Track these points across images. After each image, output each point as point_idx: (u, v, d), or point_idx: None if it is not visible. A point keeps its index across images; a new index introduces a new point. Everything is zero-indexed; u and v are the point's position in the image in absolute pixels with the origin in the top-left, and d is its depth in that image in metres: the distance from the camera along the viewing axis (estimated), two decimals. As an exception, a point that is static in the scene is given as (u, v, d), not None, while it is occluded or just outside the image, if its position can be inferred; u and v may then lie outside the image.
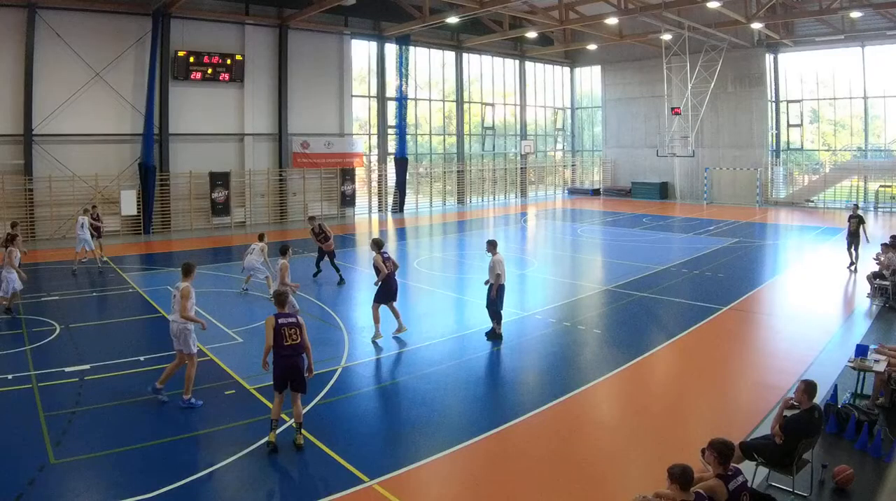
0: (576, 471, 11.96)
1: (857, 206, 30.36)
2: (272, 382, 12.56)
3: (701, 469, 9.25)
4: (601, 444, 13.21)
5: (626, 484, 11.24)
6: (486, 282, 19.91)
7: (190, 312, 14.52)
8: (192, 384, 14.64)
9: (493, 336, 19.82)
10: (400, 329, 19.86)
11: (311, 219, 28.81)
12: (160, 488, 10.95)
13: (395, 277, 19.89)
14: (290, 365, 12.44)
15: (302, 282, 23.95)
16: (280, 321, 12.52)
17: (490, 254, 19.97)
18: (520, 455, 12.55)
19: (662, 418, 14.26)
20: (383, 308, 19.70)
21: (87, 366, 16.76)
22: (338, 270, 27.88)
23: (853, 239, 29.17)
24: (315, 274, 28.26)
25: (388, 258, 19.68)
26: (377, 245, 19.79)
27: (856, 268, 29.01)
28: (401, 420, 14.32)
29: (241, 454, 12.07)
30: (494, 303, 19.79)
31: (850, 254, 29.55)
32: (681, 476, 8.19)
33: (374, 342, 19.21)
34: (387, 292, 19.53)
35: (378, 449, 12.79)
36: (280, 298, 13.12)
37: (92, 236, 30.04)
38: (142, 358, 17.71)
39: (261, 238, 25.63)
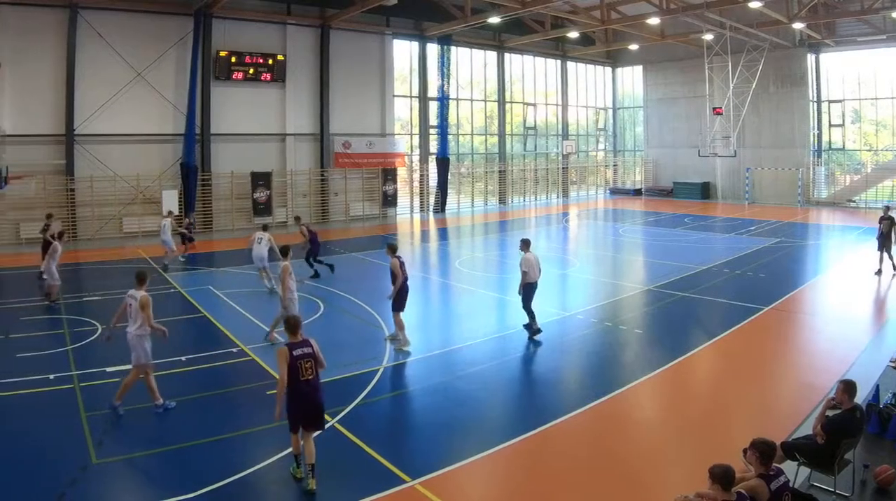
0: (617, 472, 11.93)
1: (888, 208, 29.71)
2: (287, 421, 11.35)
3: (743, 469, 9.19)
4: (642, 444, 13.09)
5: (667, 485, 11.11)
6: None
7: (153, 321, 14.32)
8: (156, 389, 14.35)
9: (531, 332, 19.87)
10: (402, 344, 18.89)
11: (297, 219, 29.34)
12: (202, 488, 10.99)
13: (407, 284, 19.43)
14: (308, 402, 11.22)
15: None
16: (295, 352, 11.16)
17: (522, 253, 20.26)
18: (561, 456, 12.61)
19: (704, 418, 14.23)
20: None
21: (129, 366, 16.29)
22: (312, 266, 28.20)
23: (885, 240, 28.67)
24: (328, 271, 28.54)
25: (403, 263, 19.22)
26: (392, 250, 19.39)
27: (894, 267, 28.55)
28: (442, 421, 14.22)
29: (282, 454, 11.98)
30: (525, 300, 20.05)
31: (882, 258, 29.00)
32: (722, 477, 8.15)
33: (398, 349, 18.69)
34: (403, 298, 19.08)
35: (419, 449, 12.82)
36: (292, 324, 11.69)
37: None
38: (183, 358, 17.77)
39: (265, 228, 25.98)
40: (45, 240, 26.64)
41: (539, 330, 19.88)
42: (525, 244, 20.43)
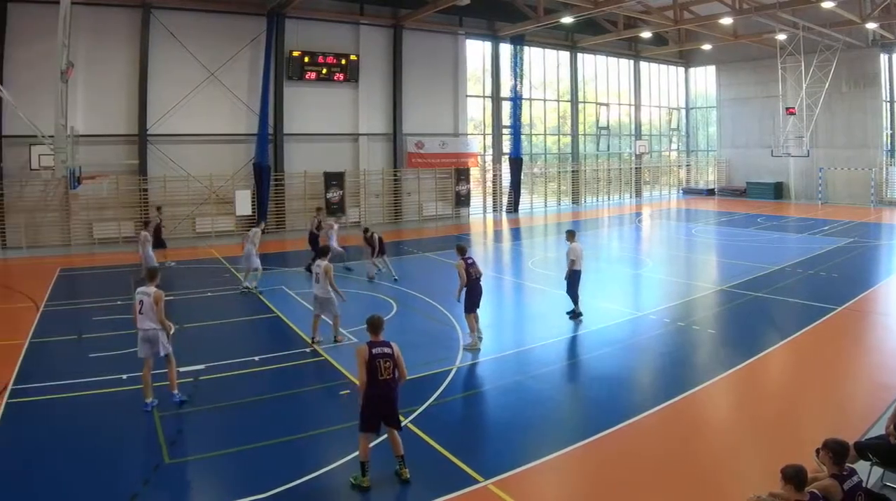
0: (690, 472, 11.73)
1: None
2: (359, 422, 11.16)
3: (815, 469, 9.04)
4: (715, 445, 12.91)
5: (740, 485, 10.80)
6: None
7: (164, 316, 14.42)
8: (151, 386, 14.53)
9: (574, 315, 21.32)
10: (473, 345, 18.63)
11: (366, 230, 28.38)
12: (274, 488, 10.87)
13: (481, 284, 19.23)
14: (384, 402, 11.06)
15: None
16: (374, 351, 10.98)
17: (568, 243, 21.60)
18: (634, 456, 12.31)
19: (776, 418, 13.91)
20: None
21: (202, 366, 16.78)
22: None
23: None
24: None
25: (473, 264, 18.98)
26: (460, 251, 19.20)
27: None
28: (515, 420, 14.00)
29: (354, 454, 11.50)
30: (571, 287, 21.34)
31: None
32: (794, 477, 8.07)
33: (470, 350, 18.41)
34: (473, 299, 18.87)
35: (492, 449, 12.67)
36: (374, 324, 11.48)
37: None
38: (256, 358, 17.73)
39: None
40: (155, 234, 29.57)
41: (579, 315, 21.33)
42: (571, 235, 21.88)
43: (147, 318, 14.28)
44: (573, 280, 21.33)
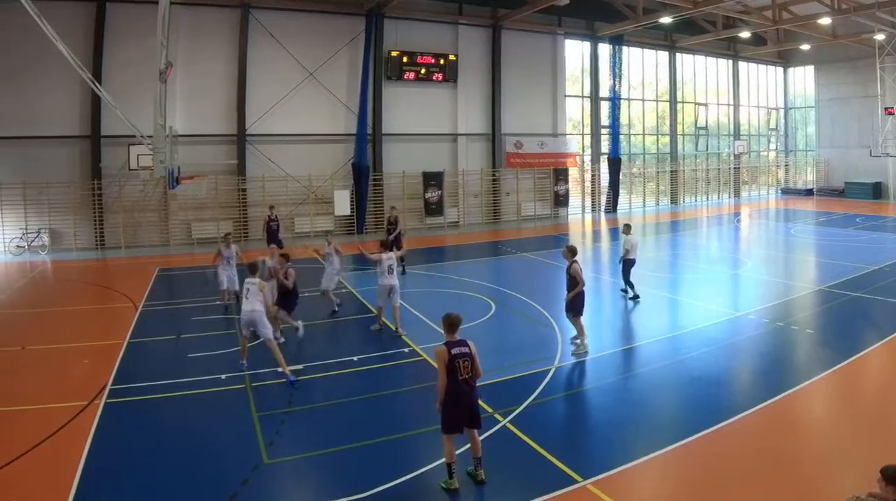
0: (789, 472, 11.41)
1: None
2: (441, 424, 10.97)
3: (915, 469, 8.55)
4: (814, 445, 12.66)
5: (839, 485, 10.65)
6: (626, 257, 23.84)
7: (270, 302, 16.72)
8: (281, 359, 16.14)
9: (633, 296, 23.57)
10: (583, 347, 18.11)
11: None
12: (373, 488, 10.84)
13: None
14: (466, 402, 10.90)
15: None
16: (454, 351, 10.80)
17: (624, 235, 24.20)
18: (733, 456, 12.10)
19: (876, 418, 13.60)
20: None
21: (301, 366, 16.77)
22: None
23: None
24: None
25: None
26: (572, 252, 18.32)
27: None
28: (613, 420, 13.92)
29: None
30: (625, 273, 23.77)
31: None
32: (894, 478, 7.87)
33: (578, 352, 17.92)
34: (582, 302, 18.30)
35: (591, 449, 12.59)
36: (451, 323, 11.14)
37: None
38: (355, 358, 17.68)
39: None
40: (269, 232, 31.31)
41: (637, 297, 23.48)
42: (627, 228, 24.46)
43: (250, 302, 15.96)
44: (627, 267, 23.64)
